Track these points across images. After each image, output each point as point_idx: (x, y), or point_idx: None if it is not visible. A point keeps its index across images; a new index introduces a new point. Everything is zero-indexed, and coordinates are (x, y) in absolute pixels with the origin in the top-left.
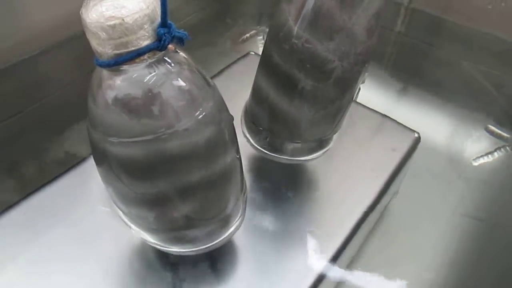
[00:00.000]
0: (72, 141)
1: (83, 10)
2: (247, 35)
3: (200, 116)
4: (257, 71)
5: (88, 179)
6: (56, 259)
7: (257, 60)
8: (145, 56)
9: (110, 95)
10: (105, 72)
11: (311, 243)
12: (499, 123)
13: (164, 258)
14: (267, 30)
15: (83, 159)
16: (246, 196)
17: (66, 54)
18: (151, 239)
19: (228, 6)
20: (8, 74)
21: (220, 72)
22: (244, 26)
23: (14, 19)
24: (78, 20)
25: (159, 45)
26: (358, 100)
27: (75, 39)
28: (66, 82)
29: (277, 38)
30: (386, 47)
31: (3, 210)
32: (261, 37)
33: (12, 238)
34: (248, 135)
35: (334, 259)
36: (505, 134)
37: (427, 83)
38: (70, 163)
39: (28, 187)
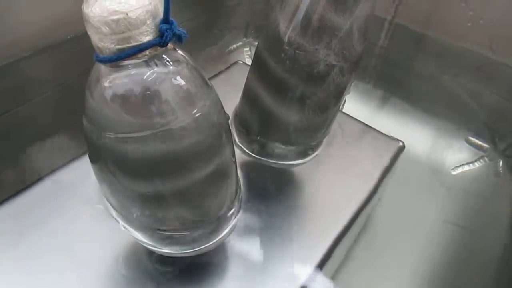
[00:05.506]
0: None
1: (84, 5)
2: (234, 46)
3: (197, 115)
4: (248, 77)
5: (67, 185)
6: (39, 264)
7: (245, 69)
8: (146, 52)
9: (108, 90)
10: (104, 68)
11: (296, 249)
12: (479, 135)
13: (146, 261)
14: (254, 42)
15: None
16: (241, 198)
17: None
18: (143, 239)
19: (217, 18)
20: None
21: (210, 79)
22: (231, 38)
23: None
24: (56, 28)
25: (160, 40)
26: (343, 111)
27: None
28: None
29: (269, 45)
30: (370, 60)
31: None
32: (247, 49)
33: None
34: (237, 140)
35: (320, 266)
36: (484, 145)
37: (409, 96)
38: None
39: None
